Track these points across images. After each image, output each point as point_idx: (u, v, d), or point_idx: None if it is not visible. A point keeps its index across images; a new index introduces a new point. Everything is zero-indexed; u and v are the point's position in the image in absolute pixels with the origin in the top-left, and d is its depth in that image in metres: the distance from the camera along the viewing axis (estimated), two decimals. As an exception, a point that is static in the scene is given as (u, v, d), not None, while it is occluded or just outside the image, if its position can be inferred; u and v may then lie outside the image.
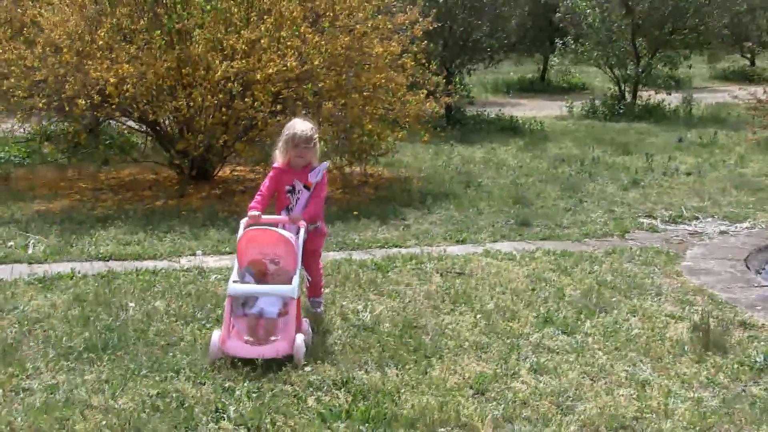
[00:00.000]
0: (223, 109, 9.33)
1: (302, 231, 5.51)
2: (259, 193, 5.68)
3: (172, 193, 10.07)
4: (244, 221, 5.55)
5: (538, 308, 6.32)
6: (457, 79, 17.51)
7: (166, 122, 10.35)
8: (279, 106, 9.53)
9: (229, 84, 9.22)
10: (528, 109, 19.64)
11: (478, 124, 16.92)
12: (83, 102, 9.07)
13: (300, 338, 5.16)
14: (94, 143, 10.34)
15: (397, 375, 5.08)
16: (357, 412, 4.53)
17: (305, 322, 5.45)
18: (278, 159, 5.75)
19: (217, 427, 4.40)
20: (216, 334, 5.15)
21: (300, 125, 5.69)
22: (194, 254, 7.61)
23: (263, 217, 5.59)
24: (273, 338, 5.19)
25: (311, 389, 4.83)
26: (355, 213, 9.23)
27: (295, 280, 5.30)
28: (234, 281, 5.32)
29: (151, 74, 9.25)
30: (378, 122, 10.39)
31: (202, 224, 8.56)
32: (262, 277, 5.44)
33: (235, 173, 11.15)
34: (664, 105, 19.55)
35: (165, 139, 10.60)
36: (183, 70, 9.49)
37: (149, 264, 7.23)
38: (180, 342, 5.47)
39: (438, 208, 9.70)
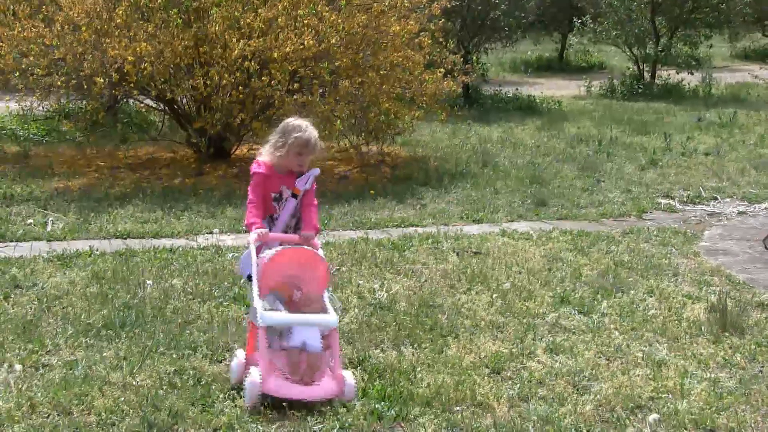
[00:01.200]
0: (240, 88, 9.32)
1: (320, 251, 4.84)
2: (251, 203, 4.89)
3: (189, 171, 10.11)
4: (252, 238, 4.73)
5: (555, 288, 6.31)
6: (474, 58, 17.42)
7: (184, 101, 10.36)
8: (296, 85, 9.54)
9: (246, 62, 9.21)
10: (546, 89, 19.52)
11: (496, 103, 16.84)
12: (101, 80, 9.08)
13: (350, 375, 4.55)
14: (113, 121, 10.38)
15: (413, 354, 5.10)
16: (373, 390, 4.55)
17: None
18: (266, 156, 4.96)
19: (233, 404, 4.43)
20: (255, 373, 4.40)
21: (311, 129, 4.94)
22: (211, 233, 7.64)
23: (270, 234, 4.84)
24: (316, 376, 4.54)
25: (328, 367, 4.86)
26: (371, 192, 9.23)
27: (330, 306, 4.69)
28: (267, 309, 4.55)
29: (168, 53, 9.25)
30: (395, 101, 10.38)
31: (219, 203, 8.59)
32: (288, 304, 4.73)
33: (252, 152, 11.14)
34: (683, 84, 19.41)
35: (182, 117, 10.63)
36: (200, 49, 9.49)
37: (167, 242, 7.27)
38: (197, 320, 5.51)
39: (455, 187, 9.69)
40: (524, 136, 13.41)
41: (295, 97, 9.39)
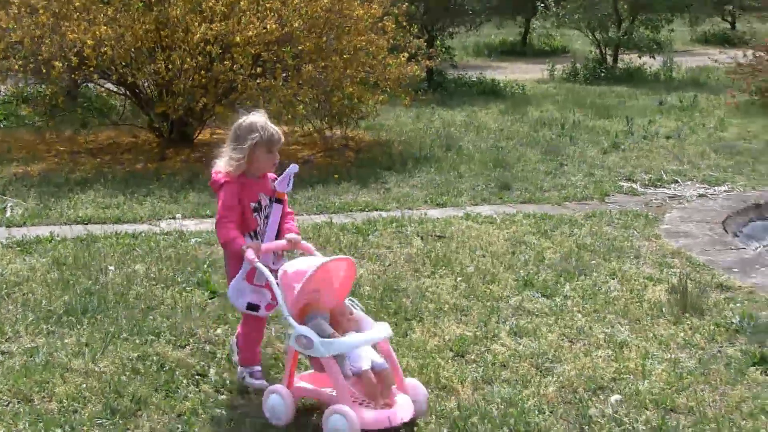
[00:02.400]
0: (203, 72, 9.25)
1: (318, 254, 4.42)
2: (224, 218, 4.29)
3: (151, 156, 10.01)
4: (249, 254, 4.18)
5: (518, 271, 6.35)
6: (438, 42, 17.42)
7: (145, 85, 10.26)
8: (259, 69, 9.48)
9: (209, 47, 9.14)
10: (509, 73, 19.57)
11: (459, 87, 16.85)
12: (60, 64, 8.96)
13: (419, 384, 4.26)
14: (73, 106, 10.24)
15: (377, 337, 5.10)
16: (337, 374, 4.55)
17: None
18: (229, 167, 4.32)
19: (197, 390, 4.41)
20: (348, 411, 3.87)
21: (270, 123, 4.40)
22: (174, 218, 7.59)
23: (263, 246, 4.32)
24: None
25: (292, 352, 4.84)
26: (335, 176, 9.21)
27: (360, 313, 4.31)
28: (331, 334, 4.07)
29: (129, 36, 9.15)
30: (359, 85, 10.35)
31: (182, 187, 8.53)
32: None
33: (216, 136, 11.06)
34: (645, 68, 19.55)
35: (144, 102, 10.52)
36: (162, 33, 9.40)
37: (129, 227, 7.21)
38: (160, 305, 5.48)
39: (419, 171, 9.69)
40: (488, 119, 13.43)
41: (258, 81, 9.34)
